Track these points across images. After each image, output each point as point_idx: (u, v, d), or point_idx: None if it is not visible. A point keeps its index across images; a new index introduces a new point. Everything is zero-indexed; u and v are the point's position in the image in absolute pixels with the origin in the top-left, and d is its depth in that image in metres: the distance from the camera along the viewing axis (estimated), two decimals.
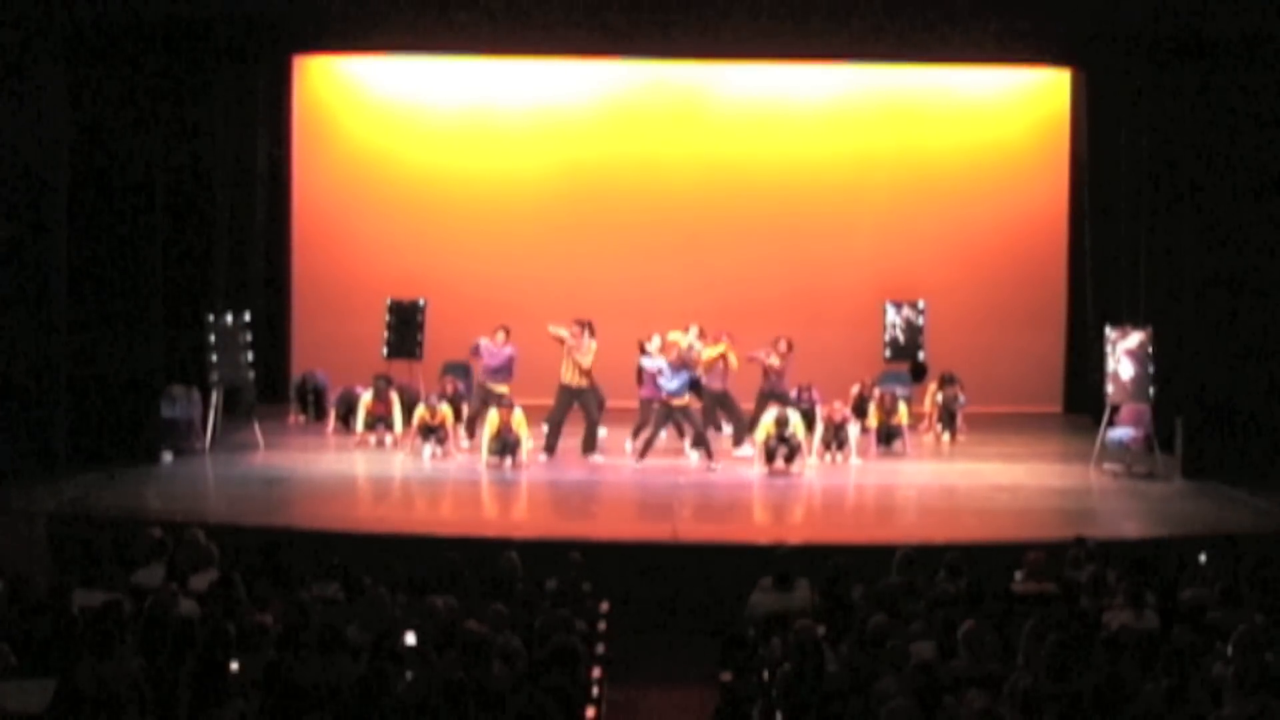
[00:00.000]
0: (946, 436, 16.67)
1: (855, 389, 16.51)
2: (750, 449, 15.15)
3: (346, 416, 16.31)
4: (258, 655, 7.78)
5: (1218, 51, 14.75)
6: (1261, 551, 11.48)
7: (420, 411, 15.31)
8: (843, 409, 15.56)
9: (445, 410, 15.31)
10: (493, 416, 14.76)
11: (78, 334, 14.38)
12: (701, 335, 15.56)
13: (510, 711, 7.11)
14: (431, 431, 15.21)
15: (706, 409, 15.61)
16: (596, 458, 15.15)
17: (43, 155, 13.97)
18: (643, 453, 14.98)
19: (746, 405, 15.72)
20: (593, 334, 15.16)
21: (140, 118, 14.75)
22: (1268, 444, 14.56)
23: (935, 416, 16.80)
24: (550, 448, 15.13)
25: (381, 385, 15.91)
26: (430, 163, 18.77)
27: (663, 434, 15.51)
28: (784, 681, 7.90)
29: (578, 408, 15.23)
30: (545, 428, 15.16)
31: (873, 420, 15.89)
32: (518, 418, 14.67)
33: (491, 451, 14.65)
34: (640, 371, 15.47)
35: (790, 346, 15.90)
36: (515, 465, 14.58)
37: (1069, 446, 16.31)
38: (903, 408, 16.03)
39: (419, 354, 17.43)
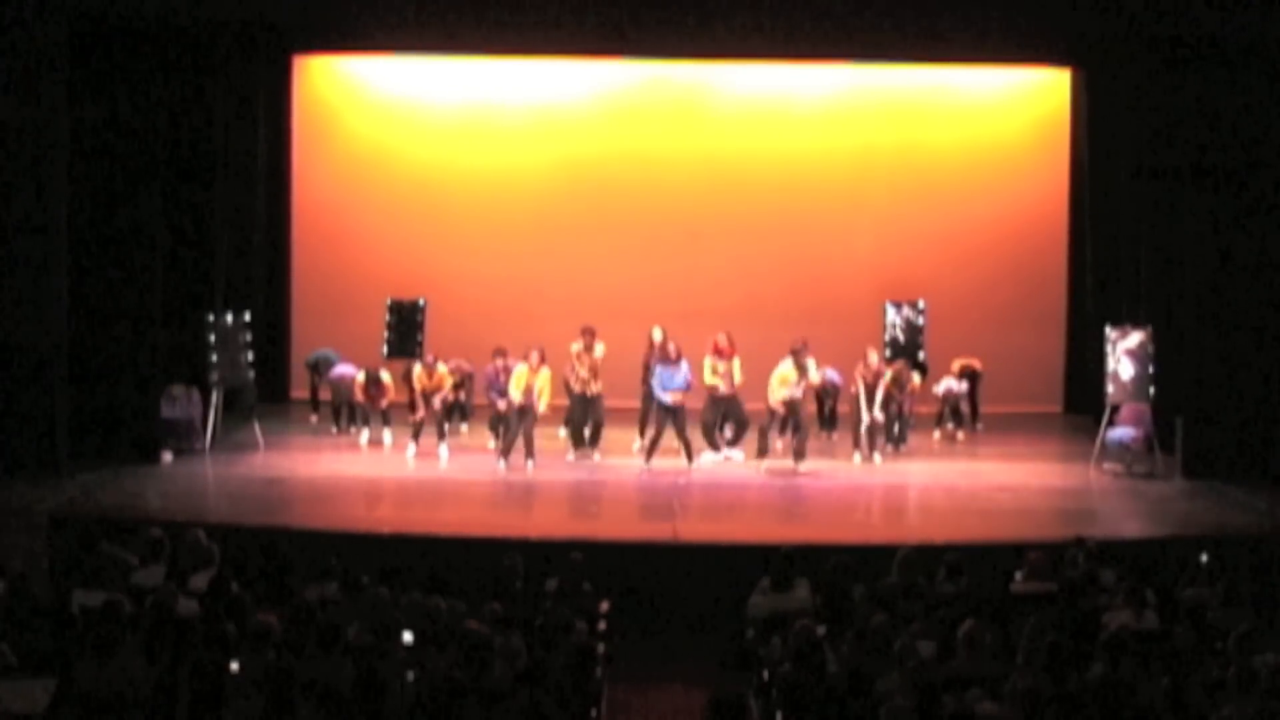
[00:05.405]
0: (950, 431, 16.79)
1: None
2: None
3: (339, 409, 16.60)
4: (258, 655, 7.79)
5: (1217, 51, 14.76)
6: (1261, 551, 11.49)
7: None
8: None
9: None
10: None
11: (78, 334, 14.39)
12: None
13: (510, 711, 7.11)
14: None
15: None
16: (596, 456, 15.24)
17: (43, 154, 13.97)
18: (649, 454, 14.95)
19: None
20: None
21: (141, 117, 14.75)
22: (1267, 444, 14.57)
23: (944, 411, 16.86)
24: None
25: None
26: (431, 161, 18.74)
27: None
28: (784, 681, 7.90)
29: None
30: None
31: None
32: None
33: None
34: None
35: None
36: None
37: (1069, 446, 16.31)
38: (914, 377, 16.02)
39: (419, 354, 17.37)
